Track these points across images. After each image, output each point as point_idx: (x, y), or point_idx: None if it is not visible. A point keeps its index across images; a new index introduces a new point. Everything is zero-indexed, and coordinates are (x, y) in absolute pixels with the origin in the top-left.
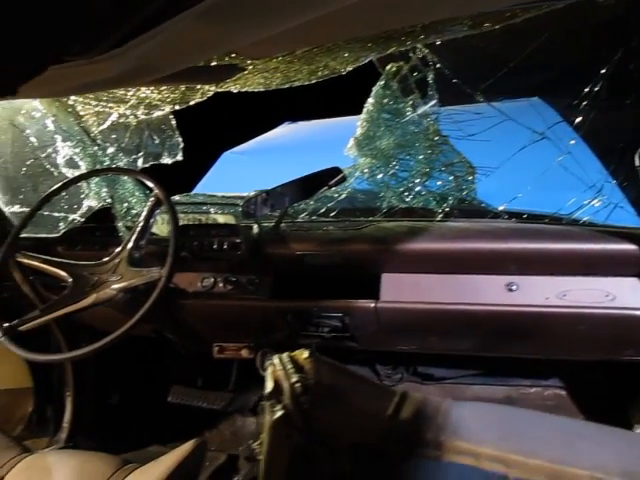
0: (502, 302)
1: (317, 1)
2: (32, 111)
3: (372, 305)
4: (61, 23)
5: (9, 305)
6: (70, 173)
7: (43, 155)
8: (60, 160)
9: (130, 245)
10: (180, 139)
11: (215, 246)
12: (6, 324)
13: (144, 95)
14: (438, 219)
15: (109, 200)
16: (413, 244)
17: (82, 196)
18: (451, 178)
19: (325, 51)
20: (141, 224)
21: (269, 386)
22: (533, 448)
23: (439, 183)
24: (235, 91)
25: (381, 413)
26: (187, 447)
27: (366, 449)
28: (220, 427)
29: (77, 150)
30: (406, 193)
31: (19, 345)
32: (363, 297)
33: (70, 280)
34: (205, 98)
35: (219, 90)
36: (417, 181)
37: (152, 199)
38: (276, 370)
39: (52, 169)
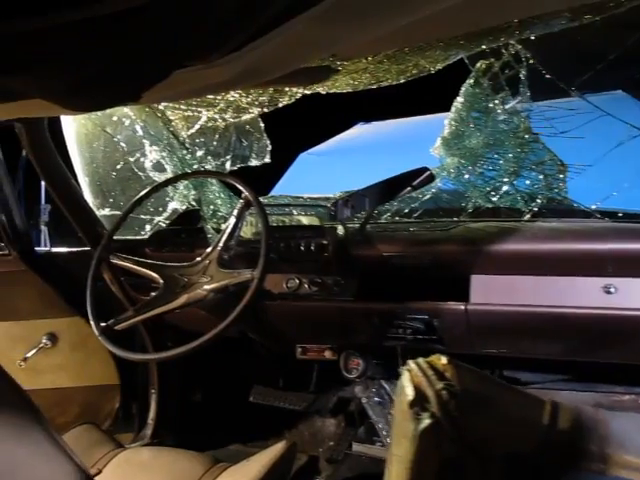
0: (599, 305)
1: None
2: (122, 117)
3: (462, 307)
4: (189, 28)
5: (101, 305)
6: (157, 177)
7: (132, 159)
8: (148, 164)
9: (220, 247)
10: (268, 141)
11: (302, 247)
12: (103, 323)
13: (233, 99)
14: (526, 219)
15: (194, 202)
16: (504, 245)
17: (167, 199)
18: (541, 177)
19: (416, 50)
20: (231, 226)
21: (409, 393)
22: None
23: (527, 182)
24: (323, 92)
25: (537, 422)
26: (279, 448)
27: (520, 459)
28: (300, 427)
29: (164, 154)
30: (493, 193)
31: (115, 344)
32: (451, 299)
33: (161, 281)
34: (293, 100)
35: (307, 92)
36: (505, 180)
37: (242, 201)
38: (416, 376)
39: (140, 173)
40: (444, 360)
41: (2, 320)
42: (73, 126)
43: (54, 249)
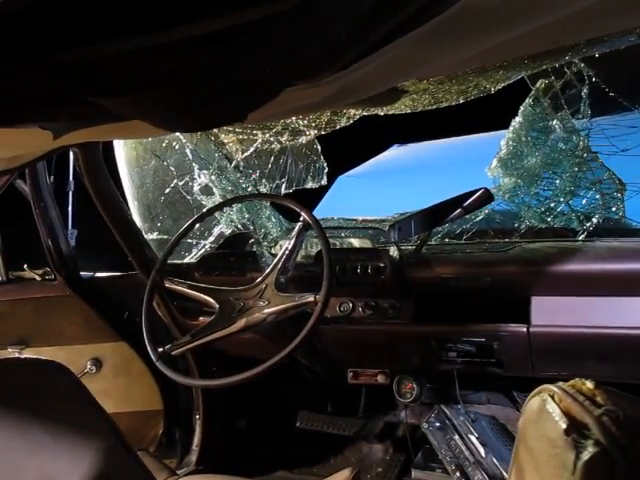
0: None
1: (524, 17)
2: (173, 141)
3: (524, 329)
4: (305, 45)
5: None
6: (205, 201)
7: (181, 183)
8: (196, 188)
9: (277, 270)
10: (325, 163)
11: (359, 270)
12: (160, 349)
13: (289, 121)
14: (581, 238)
15: (240, 226)
16: (564, 265)
17: (213, 222)
18: (598, 196)
19: (478, 70)
20: (289, 248)
21: (561, 420)
22: None
23: (584, 202)
24: (382, 114)
25: None
26: (344, 475)
27: None
28: (347, 454)
29: (214, 177)
30: (547, 213)
31: (172, 369)
32: (511, 321)
33: (217, 306)
34: (351, 122)
35: (365, 114)
36: (561, 200)
37: (300, 224)
38: (563, 401)
39: (188, 197)
40: (590, 384)
41: (48, 345)
42: (124, 150)
43: (98, 274)
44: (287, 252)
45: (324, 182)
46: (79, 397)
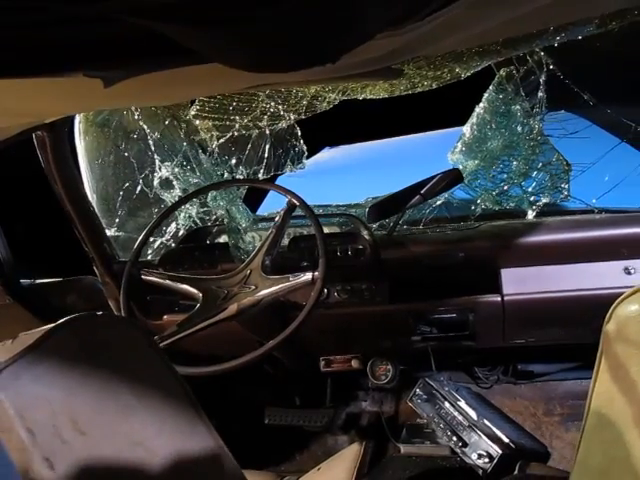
0: (624, 285)
1: None
2: (135, 131)
3: (498, 299)
4: None
5: None
6: (164, 195)
7: (141, 176)
8: (156, 182)
9: (263, 254)
10: (305, 147)
11: (339, 253)
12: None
13: (269, 105)
14: (530, 218)
15: (197, 221)
16: (530, 237)
17: (170, 219)
18: (547, 177)
19: (455, 56)
20: (274, 232)
21: None
22: None
23: (534, 184)
24: (360, 98)
25: None
26: (354, 449)
27: None
28: (316, 446)
29: (177, 170)
30: (501, 194)
31: None
32: (484, 293)
33: (200, 295)
34: (331, 106)
35: (344, 98)
36: (515, 182)
37: (285, 206)
38: None
39: (147, 190)
40: None
41: None
42: (86, 140)
43: (39, 280)
44: (272, 236)
45: (303, 166)
46: (155, 358)
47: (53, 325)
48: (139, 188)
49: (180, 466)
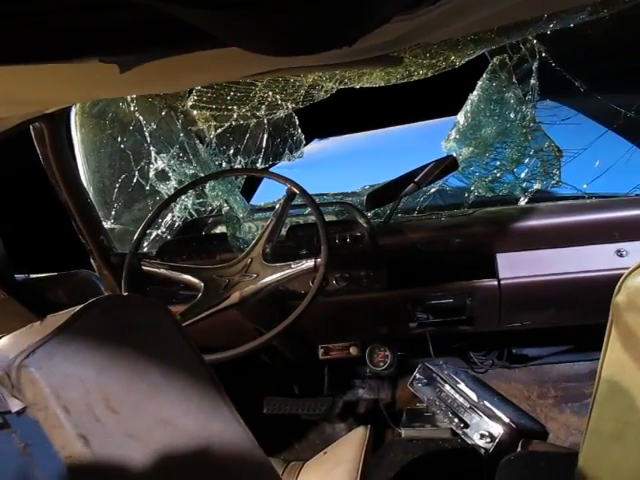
0: (616, 267)
1: None
2: (131, 123)
3: (495, 283)
4: None
5: None
6: (161, 187)
7: (137, 168)
8: (152, 173)
9: (263, 243)
10: (303, 136)
11: (337, 241)
12: None
13: (266, 94)
14: (523, 204)
15: (193, 212)
16: (524, 222)
17: (166, 211)
18: (539, 164)
19: (451, 44)
20: (274, 221)
21: None
22: None
23: (526, 170)
24: (357, 87)
25: None
26: (359, 433)
27: None
28: (315, 434)
29: (172, 162)
30: (494, 181)
31: None
32: (480, 277)
33: (202, 285)
34: (329, 95)
35: (341, 87)
36: (507, 168)
37: (284, 195)
38: None
39: (143, 182)
40: None
41: None
42: (82, 132)
43: (33, 275)
44: (272, 224)
45: (300, 155)
46: (181, 340)
47: (83, 305)
48: (135, 180)
49: (207, 445)
